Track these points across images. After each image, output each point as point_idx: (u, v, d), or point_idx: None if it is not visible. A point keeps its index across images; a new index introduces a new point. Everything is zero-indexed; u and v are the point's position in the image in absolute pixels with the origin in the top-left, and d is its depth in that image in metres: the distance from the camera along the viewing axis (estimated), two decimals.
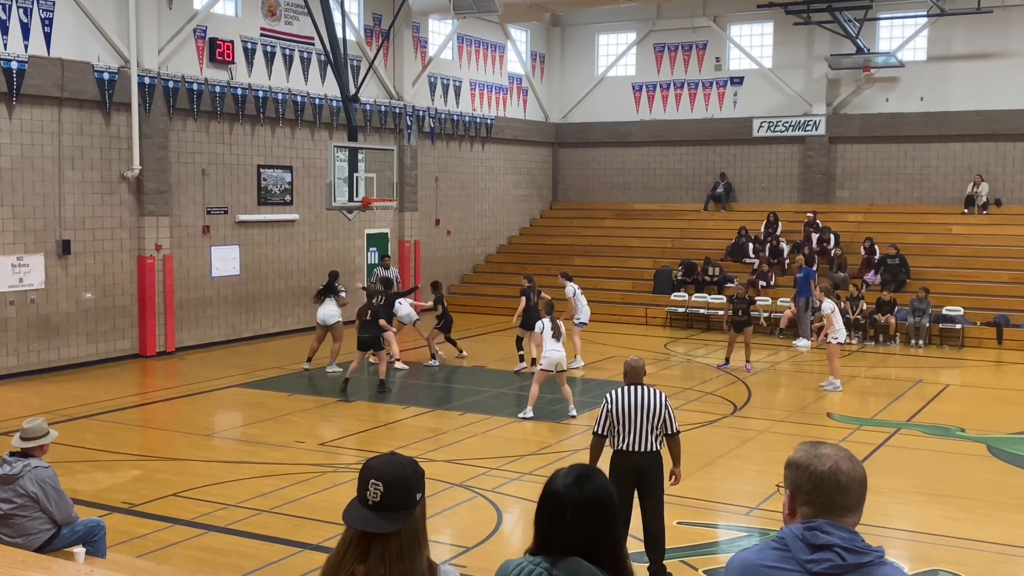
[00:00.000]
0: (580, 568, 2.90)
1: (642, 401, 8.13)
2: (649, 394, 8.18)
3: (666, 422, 8.15)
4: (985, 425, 14.19)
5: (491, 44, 29.21)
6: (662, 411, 8.11)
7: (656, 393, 8.24)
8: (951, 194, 26.73)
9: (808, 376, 18.07)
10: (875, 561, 2.69)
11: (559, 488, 2.98)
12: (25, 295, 17.43)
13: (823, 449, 2.85)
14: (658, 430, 8.12)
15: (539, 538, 3.01)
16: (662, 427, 8.14)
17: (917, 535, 9.75)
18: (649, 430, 8.09)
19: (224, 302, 21.18)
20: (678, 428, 8.29)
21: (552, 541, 2.95)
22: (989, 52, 26.04)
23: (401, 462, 2.89)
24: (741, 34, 29.40)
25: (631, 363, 8.50)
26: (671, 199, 30.32)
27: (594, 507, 2.94)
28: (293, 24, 22.37)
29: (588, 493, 2.95)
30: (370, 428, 14.09)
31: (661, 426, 8.13)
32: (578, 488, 2.96)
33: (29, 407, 14.74)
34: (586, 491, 2.95)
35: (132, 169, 18.93)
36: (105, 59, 18.52)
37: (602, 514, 2.96)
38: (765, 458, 12.39)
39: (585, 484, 2.98)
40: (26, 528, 7.14)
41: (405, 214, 25.81)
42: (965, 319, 21.85)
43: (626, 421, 8.09)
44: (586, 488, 2.96)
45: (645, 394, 8.17)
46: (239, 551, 8.97)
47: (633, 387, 8.25)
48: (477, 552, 9.01)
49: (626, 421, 8.09)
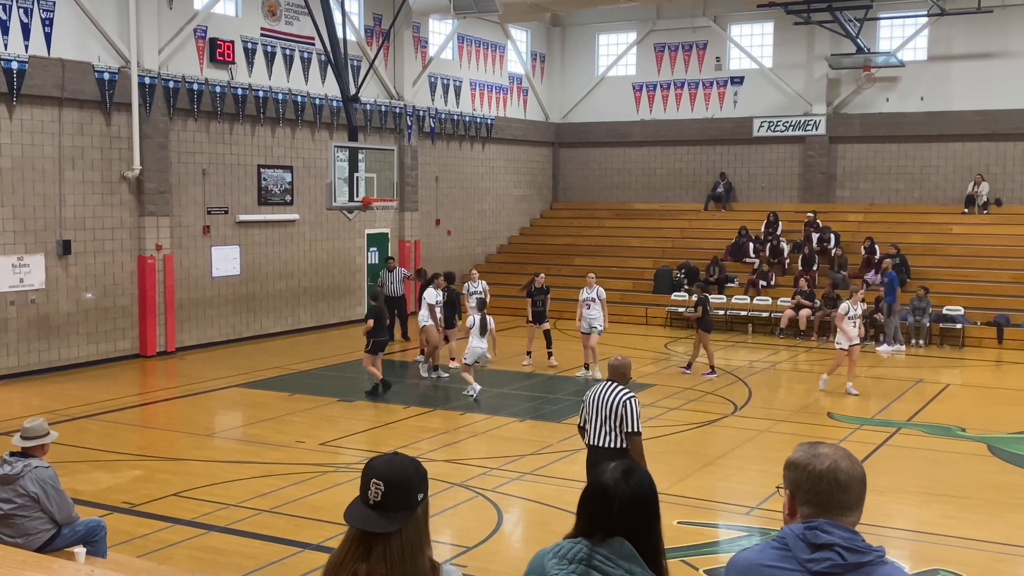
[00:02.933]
0: (623, 547, 2.98)
1: (605, 398, 8.34)
2: (612, 391, 8.35)
3: (623, 420, 8.24)
4: (985, 425, 14.20)
5: (491, 44, 29.21)
6: (618, 409, 8.24)
7: (618, 391, 8.35)
8: (951, 194, 26.73)
9: (809, 375, 18.05)
10: (875, 560, 2.69)
11: (608, 481, 3.07)
12: (26, 295, 17.44)
13: (821, 449, 2.86)
14: (617, 428, 8.27)
15: (581, 524, 3.09)
16: (620, 425, 8.26)
17: (918, 534, 9.75)
18: (609, 428, 8.29)
19: (224, 302, 21.18)
20: (638, 429, 8.28)
21: (595, 528, 3.04)
22: (989, 52, 26.04)
23: (403, 462, 2.89)
24: (741, 34, 29.41)
25: (611, 362, 8.73)
26: (671, 199, 30.33)
27: (638, 500, 3.04)
28: (293, 24, 22.37)
29: (634, 486, 3.05)
30: (371, 428, 14.09)
31: (619, 424, 8.25)
32: (625, 481, 3.06)
33: (30, 407, 14.74)
34: (632, 485, 3.05)
35: (132, 169, 18.93)
36: (105, 59, 18.53)
37: (645, 508, 3.06)
38: (765, 458, 12.39)
39: (631, 478, 3.07)
40: (27, 528, 7.14)
41: (405, 214, 25.81)
42: (965, 319, 21.85)
43: (592, 416, 8.41)
44: (632, 482, 3.06)
45: (609, 391, 8.36)
46: (240, 551, 8.97)
47: (605, 384, 8.50)
48: (478, 552, 9.01)
49: (592, 416, 8.41)
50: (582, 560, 2.98)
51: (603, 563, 2.96)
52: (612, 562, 2.96)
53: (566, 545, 3.05)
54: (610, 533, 3.01)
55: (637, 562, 2.97)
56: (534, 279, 19.10)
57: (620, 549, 2.98)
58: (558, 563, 3.01)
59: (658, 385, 16.86)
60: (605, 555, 2.97)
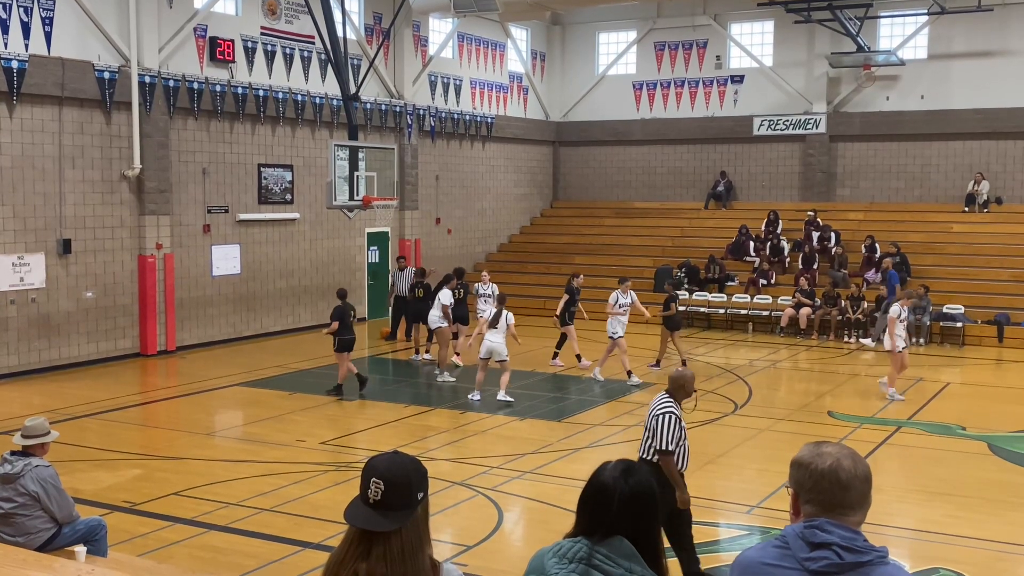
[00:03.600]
0: (623, 546, 2.98)
1: (650, 409, 8.03)
2: (657, 403, 8.00)
3: (654, 435, 7.82)
4: (986, 423, 14.20)
5: (491, 43, 29.20)
6: (651, 422, 7.88)
7: (660, 404, 7.95)
8: (952, 192, 26.73)
9: (809, 374, 18.05)
10: (875, 560, 2.69)
11: (607, 479, 3.07)
12: (26, 294, 17.44)
13: (825, 448, 2.86)
14: (649, 441, 7.88)
15: (581, 523, 3.09)
16: (652, 439, 7.85)
17: (918, 533, 9.75)
18: (646, 439, 7.94)
19: (225, 301, 21.19)
20: (665, 447, 7.74)
21: (594, 527, 3.04)
22: (990, 50, 26.03)
23: (403, 461, 2.89)
24: (742, 32, 29.39)
25: (671, 374, 8.34)
26: (671, 198, 30.32)
27: (638, 499, 3.04)
28: (293, 23, 22.37)
29: (634, 485, 3.05)
30: (372, 427, 14.09)
31: (651, 437, 7.86)
32: (625, 480, 3.05)
33: (30, 406, 14.75)
34: (632, 483, 3.05)
35: (133, 168, 18.94)
36: (106, 58, 18.52)
37: (644, 506, 3.05)
38: (766, 456, 12.40)
39: (631, 476, 3.07)
40: (27, 527, 7.14)
41: (405, 213, 25.81)
42: (966, 317, 21.85)
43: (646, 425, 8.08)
44: (632, 480, 3.06)
45: (656, 403, 8.02)
46: (240, 550, 8.97)
47: (660, 395, 8.13)
48: (478, 551, 9.01)
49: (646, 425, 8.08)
50: (582, 559, 2.98)
51: (603, 562, 2.96)
52: (612, 561, 2.96)
53: (566, 544, 3.05)
54: (610, 531, 3.00)
55: (637, 561, 2.97)
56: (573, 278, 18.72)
57: (620, 548, 2.97)
58: (558, 562, 3.01)
59: (658, 384, 16.86)
60: (605, 554, 2.97)
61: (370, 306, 25.04)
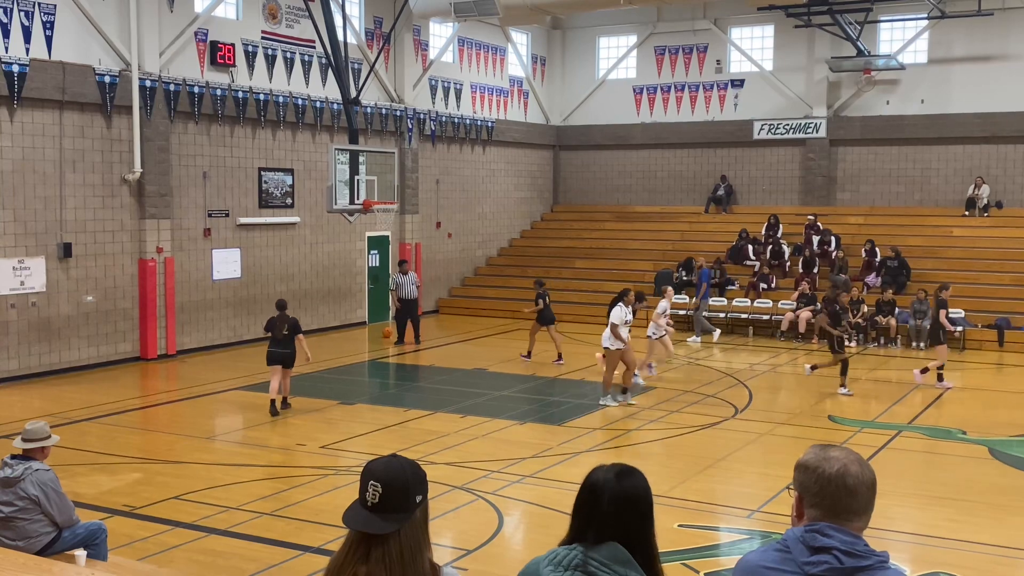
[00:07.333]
0: (617, 552, 2.95)
1: None
2: None
3: None
4: (986, 427, 14.19)
5: (492, 47, 29.23)
6: None
7: None
8: (952, 196, 26.73)
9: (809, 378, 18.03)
10: (875, 565, 2.69)
11: (598, 479, 3.05)
12: (26, 298, 17.44)
13: (832, 452, 2.84)
14: None
15: (574, 528, 3.07)
16: None
17: (918, 537, 9.73)
18: None
19: (225, 305, 21.19)
20: None
21: (587, 531, 3.01)
22: (990, 54, 26.05)
23: (401, 464, 2.90)
24: (742, 37, 29.41)
25: None
26: (672, 201, 30.32)
27: (631, 501, 3.01)
28: (294, 27, 22.39)
29: (627, 486, 3.02)
30: (372, 431, 14.08)
31: None
32: (617, 481, 3.03)
33: (30, 410, 14.75)
34: (625, 484, 3.02)
35: (133, 172, 18.95)
36: (106, 62, 18.54)
37: (638, 509, 3.02)
38: (766, 461, 12.40)
39: (624, 479, 3.05)
40: (27, 531, 7.14)
41: (406, 217, 25.82)
42: (966, 321, 21.83)
43: None
44: (625, 482, 3.03)
45: None
46: (240, 554, 8.97)
47: None
48: (478, 555, 9.01)
49: None
50: (577, 566, 2.95)
51: (599, 569, 2.93)
52: (607, 567, 2.93)
53: (561, 551, 3.02)
54: (601, 532, 2.97)
55: (633, 567, 2.94)
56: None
57: (615, 554, 2.94)
58: (553, 570, 2.98)
59: (659, 388, 16.86)
60: (600, 561, 2.93)
61: (371, 310, 25.05)
